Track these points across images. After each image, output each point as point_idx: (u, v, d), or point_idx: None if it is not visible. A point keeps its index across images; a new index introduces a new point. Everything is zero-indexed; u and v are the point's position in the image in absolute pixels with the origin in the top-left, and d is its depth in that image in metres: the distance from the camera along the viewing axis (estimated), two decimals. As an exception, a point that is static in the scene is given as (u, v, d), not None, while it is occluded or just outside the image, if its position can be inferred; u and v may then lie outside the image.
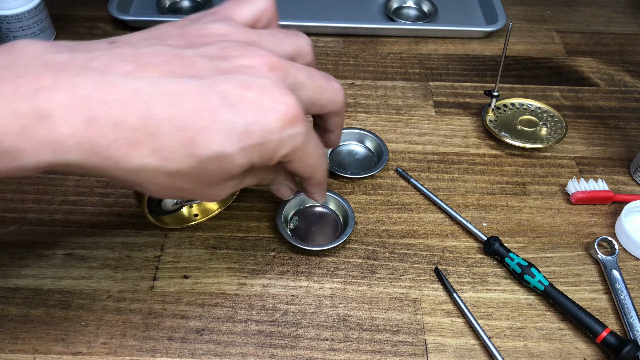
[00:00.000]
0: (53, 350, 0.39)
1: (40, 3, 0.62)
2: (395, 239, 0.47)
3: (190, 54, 0.32)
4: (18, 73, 0.28)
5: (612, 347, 0.39)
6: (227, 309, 0.42)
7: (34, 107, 0.27)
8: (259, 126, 0.31)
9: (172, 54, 0.31)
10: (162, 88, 0.30)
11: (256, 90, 0.31)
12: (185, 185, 0.32)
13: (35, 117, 0.27)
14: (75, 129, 0.28)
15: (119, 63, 0.30)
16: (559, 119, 0.57)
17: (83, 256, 0.45)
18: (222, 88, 0.31)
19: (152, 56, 0.31)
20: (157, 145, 0.29)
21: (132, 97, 0.29)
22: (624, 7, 0.76)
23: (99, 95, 0.28)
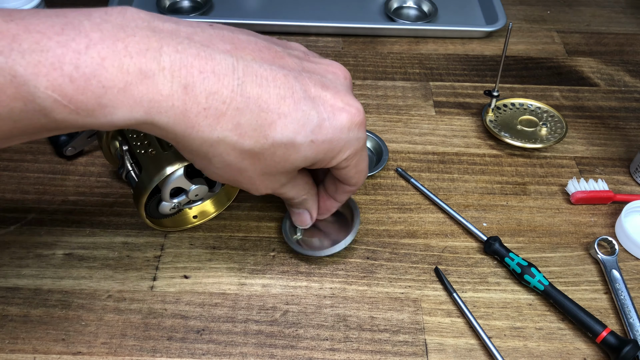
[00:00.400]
0: (53, 350, 0.39)
1: (40, 3, 0.62)
2: (395, 239, 0.47)
3: (279, 49, 0.35)
4: (129, 33, 0.29)
5: (612, 347, 0.39)
6: (227, 309, 0.42)
7: (140, 65, 0.29)
8: (332, 123, 0.34)
9: (264, 45, 0.34)
10: (255, 70, 0.32)
11: (332, 91, 0.34)
12: (248, 167, 0.34)
13: (140, 75, 0.29)
14: (172, 91, 0.30)
15: (219, 41, 0.32)
16: (559, 119, 0.57)
17: (83, 256, 0.45)
18: (305, 82, 0.33)
19: (247, 42, 0.33)
20: (240, 120, 0.31)
21: (229, 72, 0.31)
22: (624, 7, 0.76)
23: (199, 64, 0.30)
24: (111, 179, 0.51)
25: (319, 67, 0.36)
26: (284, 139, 0.33)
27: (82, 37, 0.28)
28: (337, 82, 0.36)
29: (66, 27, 0.28)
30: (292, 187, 0.39)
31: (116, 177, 0.51)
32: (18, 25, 0.27)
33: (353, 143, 0.35)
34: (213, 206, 0.48)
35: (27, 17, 0.28)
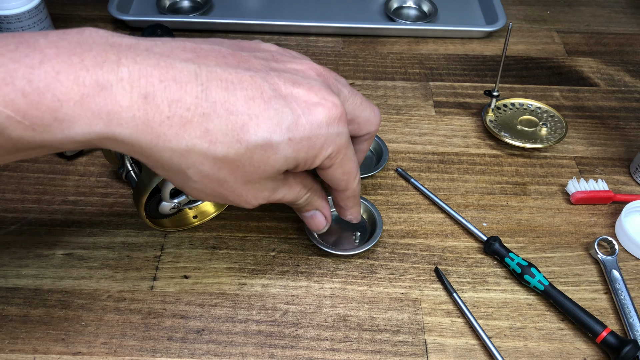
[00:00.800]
0: (53, 350, 0.39)
1: (40, 3, 0.62)
2: (395, 239, 0.47)
3: (245, 54, 0.34)
4: (85, 48, 0.29)
5: (612, 347, 0.39)
6: (227, 309, 0.42)
7: (97, 77, 0.28)
8: (308, 119, 0.32)
9: (228, 52, 0.33)
10: (219, 74, 0.31)
11: (305, 87, 0.33)
12: (227, 177, 0.33)
13: (97, 87, 0.28)
14: (132, 102, 0.29)
15: (180, 51, 0.32)
16: (559, 119, 0.57)
17: (83, 256, 0.45)
18: (274, 81, 0.32)
19: (210, 51, 0.33)
20: (208, 126, 0.30)
21: (191, 79, 0.30)
22: (624, 7, 0.76)
23: (159, 73, 0.30)
24: (111, 179, 0.51)
25: (287, 66, 0.35)
26: (259, 140, 0.31)
27: (37, 53, 0.28)
28: (309, 79, 0.34)
29: (20, 45, 0.28)
30: (287, 190, 0.37)
31: (116, 177, 0.51)
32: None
33: (334, 139, 0.34)
34: (213, 206, 0.48)
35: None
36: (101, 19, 0.69)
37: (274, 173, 0.34)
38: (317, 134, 0.33)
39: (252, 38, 0.67)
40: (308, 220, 0.42)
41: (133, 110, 0.29)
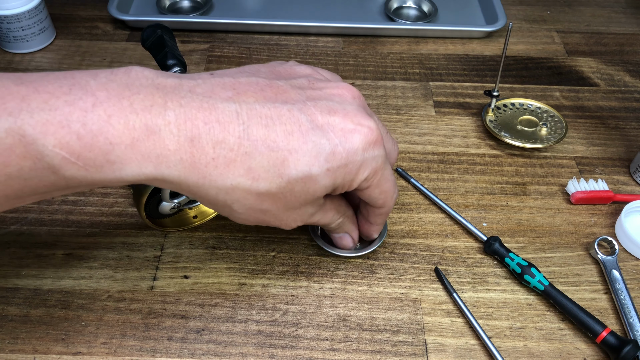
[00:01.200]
0: (53, 350, 0.39)
1: (40, 3, 0.62)
2: (395, 239, 0.47)
3: (282, 83, 0.35)
4: (134, 91, 0.30)
5: (612, 347, 0.39)
6: (227, 309, 0.42)
7: (146, 121, 0.30)
8: (344, 147, 0.34)
9: (265, 83, 0.34)
10: (259, 111, 0.32)
11: (341, 115, 0.34)
12: (270, 207, 0.34)
13: (146, 130, 0.29)
14: (179, 145, 0.30)
15: (220, 89, 0.33)
16: (559, 119, 0.57)
17: (83, 256, 0.45)
18: (311, 112, 0.33)
19: (248, 85, 0.34)
20: (251, 164, 0.32)
21: (233, 119, 0.31)
22: (624, 7, 0.76)
23: (203, 116, 0.31)
24: (111, 179, 0.51)
25: (324, 92, 0.36)
26: (299, 174, 0.33)
27: (89, 95, 0.29)
28: (345, 104, 0.35)
29: (74, 87, 0.29)
30: (322, 215, 0.39)
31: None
32: (27, 87, 0.29)
33: (370, 163, 0.35)
34: None
35: (36, 79, 0.29)
36: (101, 19, 0.69)
37: (314, 199, 0.35)
38: (353, 160, 0.34)
39: (252, 38, 0.67)
40: (336, 240, 0.44)
41: (180, 153, 0.31)
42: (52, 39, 0.66)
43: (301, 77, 0.37)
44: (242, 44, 0.67)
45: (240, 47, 0.66)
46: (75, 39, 0.66)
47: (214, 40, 0.67)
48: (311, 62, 0.64)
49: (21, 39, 0.62)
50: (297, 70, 0.38)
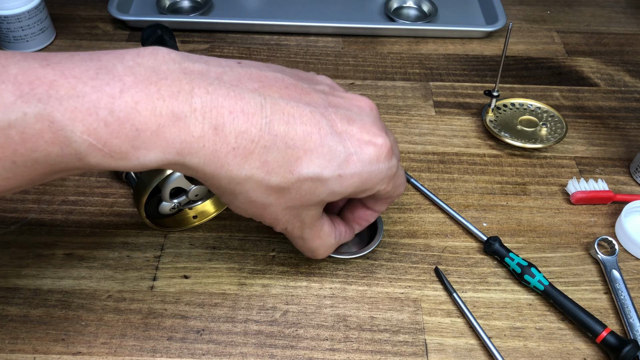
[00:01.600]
0: (53, 350, 0.39)
1: (40, 3, 0.62)
2: (395, 239, 0.47)
3: (305, 85, 0.35)
4: (161, 76, 0.30)
5: (612, 347, 0.39)
6: (227, 309, 0.42)
7: (172, 108, 0.29)
8: (359, 157, 0.34)
9: (290, 82, 0.35)
10: (282, 107, 0.32)
11: (359, 125, 0.35)
12: (273, 202, 0.34)
13: (172, 117, 0.29)
14: (203, 132, 0.30)
15: (247, 80, 0.33)
16: (559, 119, 0.57)
17: (83, 256, 0.45)
18: (331, 118, 0.34)
19: (275, 80, 0.34)
20: (267, 158, 0.32)
21: (257, 110, 0.32)
22: (624, 7, 0.76)
23: (229, 104, 0.31)
24: (111, 179, 0.51)
25: (345, 101, 0.36)
26: (310, 174, 0.33)
27: (116, 81, 0.29)
28: (363, 115, 0.36)
29: (100, 72, 0.29)
30: (316, 228, 0.39)
31: (116, 177, 0.51)
32: (54, 69, 0.28)
33: (384, 173, 0.36)
34: (213, 206, 0.48)
35: (62, 61, 0.29)
36: (101, 19, 0.69)
37: (317, 202, 0.36)
38: (368, 171, 0.35)
39: (252, 38, 0.67)
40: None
41: (204, 140, 0.30)
42: (52, 39, 0.66)
43: (323, 84, 0.37)
44: (242, 44, 0.67)
45: (240, 47, 0.66)
46: (75, 39, 0.66)
47: (214, 40, 0.67)
48: (311, 62, 0.64)
49: (21, 39, 0.62)
50: (318, 78, 0.38)
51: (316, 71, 0.63)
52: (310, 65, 0.64)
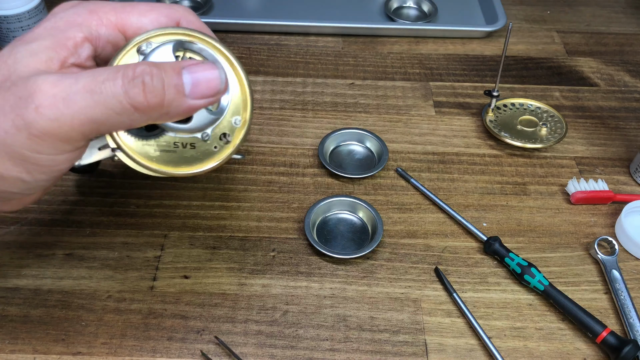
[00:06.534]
0: (53, 350, 0.39)
1: (40, 3, 0.62)
2: (395, 239, 0.47)
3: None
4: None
5: (612, 347, 0.39)
6: (227, 309, 0.42)
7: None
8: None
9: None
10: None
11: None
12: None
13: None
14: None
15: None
16: (559, 119, 0.57)
17: (83, 256, 0.45)
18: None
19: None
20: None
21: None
22: (624, 7, 0.76)
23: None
24: (111, 179, 0.51)
25: None
26: None
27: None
28: None
29: None
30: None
31: (116, 177, 0.51)
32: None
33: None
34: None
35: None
36: (101, 19, 0.69)
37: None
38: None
39: (252, 38, 0.67)
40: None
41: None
42: (52, 39, 0.65)
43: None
44: (242, 44, 0.67)
45: (240, 47, 0.66)
46: (75, 39, 0.66)
47: (214, 40, 0.67)
48: (311, 62, 0.64)
49: (21, 39, 0.62)
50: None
51: (316, 71, 0.63)
52: (310, 65, 0.64)
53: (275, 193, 0.50)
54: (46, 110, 0.29)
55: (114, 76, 0.30)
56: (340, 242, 0.46)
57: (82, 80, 0.30)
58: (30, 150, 0.30)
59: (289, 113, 0.58)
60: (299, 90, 0.61)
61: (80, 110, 0.30)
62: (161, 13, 0.36)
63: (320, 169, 0.52)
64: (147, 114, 0.31)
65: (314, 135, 0.55)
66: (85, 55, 0.33)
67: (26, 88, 0.30)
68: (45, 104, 0.29)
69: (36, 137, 0.30)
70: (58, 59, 0.32)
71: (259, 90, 0.60)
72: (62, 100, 0.29)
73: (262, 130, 0.56)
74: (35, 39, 0.32)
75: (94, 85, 0.30)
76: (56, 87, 0.30)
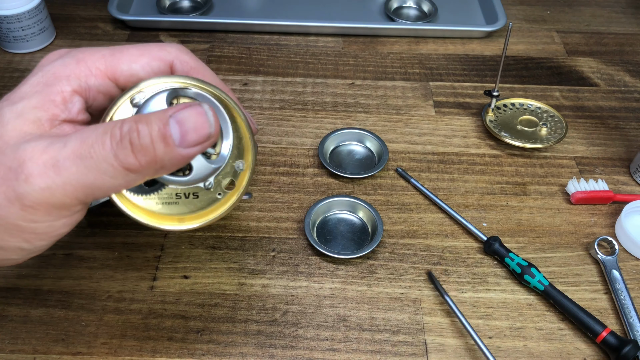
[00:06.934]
0: (53, 350, 0.39)
1: (40, 3, 0.62)
2: (395, 239, 0.47)
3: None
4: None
5: (612, 347, 0.39)
6: (227, 309, 0.42)
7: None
8: None
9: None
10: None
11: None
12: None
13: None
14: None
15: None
16: (559, 119, 0.57)
17: (83, 256, 0.45)
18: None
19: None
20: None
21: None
22: (624, 7, 0.76)
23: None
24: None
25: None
26: None
27: None
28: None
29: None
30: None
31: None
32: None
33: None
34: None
35: None
36: (101, 19, 0.69)
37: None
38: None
39: (252, 38, 0.67)
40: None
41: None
42: (52, 39, 0.66)
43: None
44: (242, 44, 0.67)
45: (240, 47, 0.66)
46: (75, 39, 0.66)
47: (214, 40, 0.67)
48: (311, 62, 0.64)
49: (21, 39, 0.62)
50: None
51: (316, 71, 0.63)
52: (310, 65, 0.64)
53: (275, 193, 0.50)
54: (36, 179, 0.28)
55: (102, 139, 0.29)
56: (340, 242, 0.46)
57: (71, 144, 0.29)
58: (25, 220, 0.29)
59: (289, 113, 0.58)
60: (299, 90, 0.61)
61: (72, 177, 0.29)
62: (153, 57, 0.34)
63: (320, 169, 0.52)
64: (141, 173, 0.30)
65: (314, 135, 0.55)
66: (76, 109, 0.32)
67: (15, 157, 0.29)
68: (35, 172, 0.28)
69: (29, 208, 0.29)
70: (47, 118, 0.31)
71: (259, 90, 0.60)
72: (52, 168, 0.28)
73: (262, 130, 0.56)
74: (22, 98, 0.31)
75: (83, 150, 0.29)
76: (45, 153, 0.28)
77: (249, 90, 0.60)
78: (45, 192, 0.29)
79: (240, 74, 0.62)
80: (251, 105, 0.58)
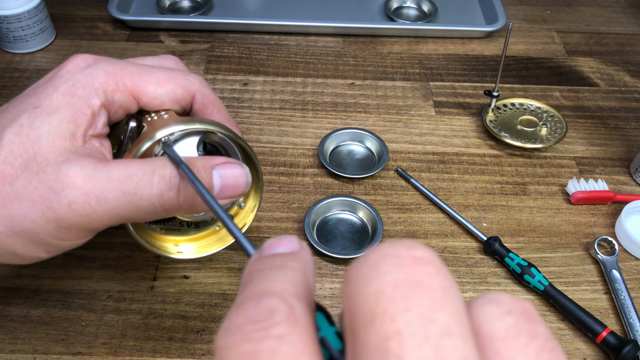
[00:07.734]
0: (53, 350, 0.39)
1: (40, 3, 0.62)
2: (395, 239, 0.47)
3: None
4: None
5: (612, 347, 0.39)
6: (227, 309, 0.42)
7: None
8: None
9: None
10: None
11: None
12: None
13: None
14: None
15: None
16: (559, 119, 0.57)
17: (83, 256, 0.45)
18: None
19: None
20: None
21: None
22: (624, 7, 0.76)
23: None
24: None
25: None
26: None
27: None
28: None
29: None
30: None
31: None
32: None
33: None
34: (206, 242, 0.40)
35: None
36: (101, 19, 0.69)
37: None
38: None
39: (252, 38, 0.67)
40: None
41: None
42: (52, 39, 0.66)
43: None
44: (242, 44, 0.67)
45: (240, 47, 0.66)
46: (75, 39, 0.66)
47: (214, 40, 0.67)
48: (311, 62, 0.64)
49: (21, 39, 0.62)
50: None
51: (316, 71, 0.63)
52: (310, 65, 0.64)
53: (275, 193, 0.50)
54: (79, 207, 0.30)
55: (150, 177, 0.30)
56: (340, 242, 0.46)
57: (115, 176, 0.30)
58: (56, 238, 0.31)
59: (289, 113, 0.58)
60: (299, 90, 0.61)
61: (112, 210, 0.30)
62: (178, 85, 0.35)
63: (320, 169, 0.52)
64: (173, 212, 0.32)
65: (314, 135, 0.55)
66: (102, 123, 0.33)
67: (58, 179, 0.30)
68: (79, 200, 0.29)
69: (64, 229, 0.30)
70: (80, 134, 0.32)
71: (259, 90, 0.60)
72: (95, 198, 0.30)
73: (262, 130, 0.56)
74: (55, 109, 0.31)
75: (128, 186, 0.30)
76: (89, 182, 0.30)
77: (249, 90, 0.60)
78: (84, 218, 0.30)
79: (240, 74, 0.62)
80: (251, 106, 0.58)
